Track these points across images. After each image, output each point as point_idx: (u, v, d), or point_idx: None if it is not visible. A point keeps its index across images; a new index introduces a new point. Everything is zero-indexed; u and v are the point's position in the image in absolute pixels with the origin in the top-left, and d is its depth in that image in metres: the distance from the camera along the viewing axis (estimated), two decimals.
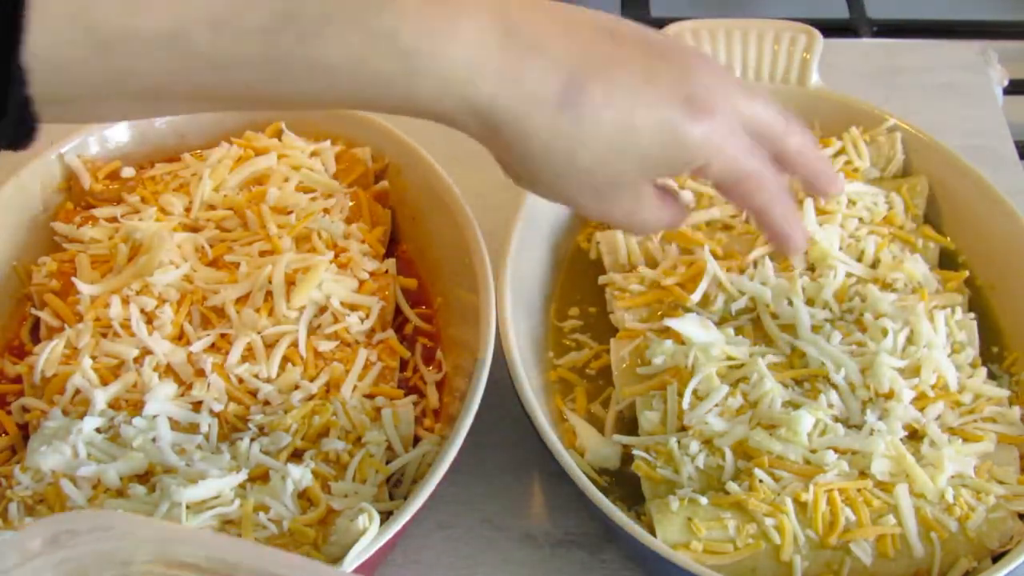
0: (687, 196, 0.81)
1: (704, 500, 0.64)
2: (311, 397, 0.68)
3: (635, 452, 0.68)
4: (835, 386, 0.70)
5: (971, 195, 0.82)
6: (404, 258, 0.81)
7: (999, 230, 0.79)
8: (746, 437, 0.67)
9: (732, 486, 0.64)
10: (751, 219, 0.68)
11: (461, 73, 0.50)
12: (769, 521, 0.63)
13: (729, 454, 0.66)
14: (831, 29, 0.98)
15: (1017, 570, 0.62)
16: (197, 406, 0.68)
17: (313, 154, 0.82)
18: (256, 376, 0.69)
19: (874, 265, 0.77)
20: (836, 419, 0.69)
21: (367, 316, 0.73)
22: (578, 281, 0.81)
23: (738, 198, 0.61)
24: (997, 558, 0.63)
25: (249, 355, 0.70)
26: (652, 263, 0.78)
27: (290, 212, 0.77)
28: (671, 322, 0.71)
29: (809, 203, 0.78)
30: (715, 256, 0.75)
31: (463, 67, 0.50)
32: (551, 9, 0.54)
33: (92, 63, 0.45)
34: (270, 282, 0.72)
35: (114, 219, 0.78)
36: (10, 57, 0.43)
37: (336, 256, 0.75)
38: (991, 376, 0.74)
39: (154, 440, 0.65)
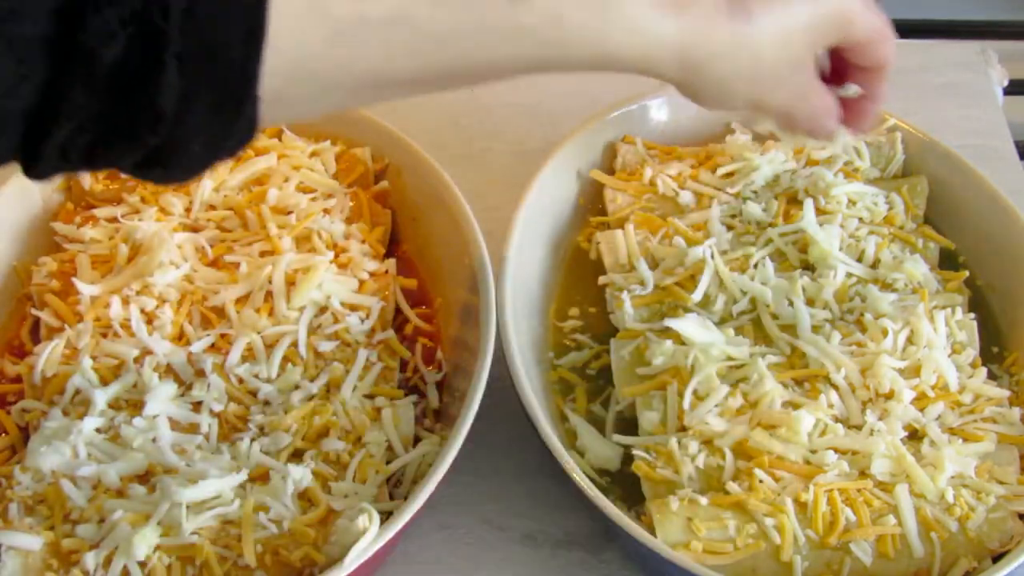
0: (687, 197, 0.81)
1: (704, 500, 0.64)
2: (311, 397, 0.68)
3: (635, 452, 0.68)
4: (835, 386, 0.70)
5: (971, 195, 0.82)
6: (404, 258, 0.81)
7: (999, 230, 0.79)
8: (746, 437, 0.67)
9: (732, 486, 0.64)
10: (864, 81, 0.70)
11: (647, 11, 0.55)
12: (769, 521, 0.63)
13: (729, 454, 0.66)
14: None
15: (1017, 570, 0.62)
16: (197, 406, 0.68)
17: (313, 154, 0.82)
18: (256, 376, 0.69)
19: (874, 265, 0.77)
20: (836, 419, 0.69)
21: (367, 316, 0.73)
22: (578, 281, 0.81)
23: (870, 57, 0.66)
24: (997, 558, 0.63)
25: (249, 355, 0.70)
26: (652, 263, 0.78)
27: (290, 212, 0.77)
28: (671, 322, 0.71)
29: (809, 204, 0.78)
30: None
31: (647, 7, 0.55)
32: None
33: (325, 53, 0.47)
34: (270, 282, 0.72)
35: (114, 219, 0.78)
36: (254, 64, 0.44)
37: (336, 256, 0.75)
38: (991, 376, 0.74)
39: (154, 440, 0.65)
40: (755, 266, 0.76)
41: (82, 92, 0.42)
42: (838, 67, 0.68)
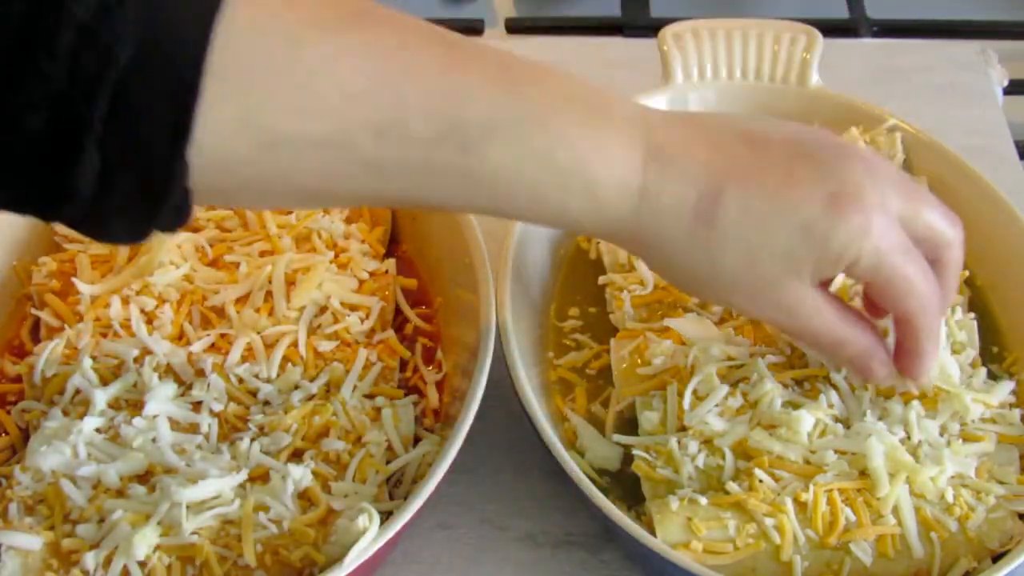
0: None
1: (704, 500, 0.64)
2: (311, 397, 0.68)
3: (635, 452, 0.68)
4: (835, 386, 0.70)
5: (971, 195, 0.82)
6: (404, 258, 0.81)
7: (999, 230, 0.79)
8: (746, 437, 0.67)
9: (732, 486, 0.64)
10: (896, 332, 0.60)
11: (611, 192, 0.52)
12: (769, 521, 0.63)
13: (729, 454, 0.66)
14: (831, 29, 0.98)
15: (1017, 570, 0.62)
16: (197, 406, 0.68)
17: None
18: (256, 376, 0.69)
19: None
20: (836, 419, 0.69)
21: (367, 316, 0.73)
22: (578, 281, 0.81)
23: (889, 302, 0.57)
24: (997, 558, 0.63)
25: (249, 355, 0.70)
26: None
27: (290, 212, 0.77)
28: (671, 322, 0.71)
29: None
30: None
31: (613, 186, 0.52)
32: (690, 121, 0.56)
33: (256, 163, 0.46)
34: (270, 282, 0.72)
35: None
36: (179, 161, 0.43)
37: (336, 256, 0.75)
38: (991, 376, 0.74)
39: (154, 440, 0.65)
40: None
41: (3, 156, 0.41)
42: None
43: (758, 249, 0.54)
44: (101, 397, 0.67)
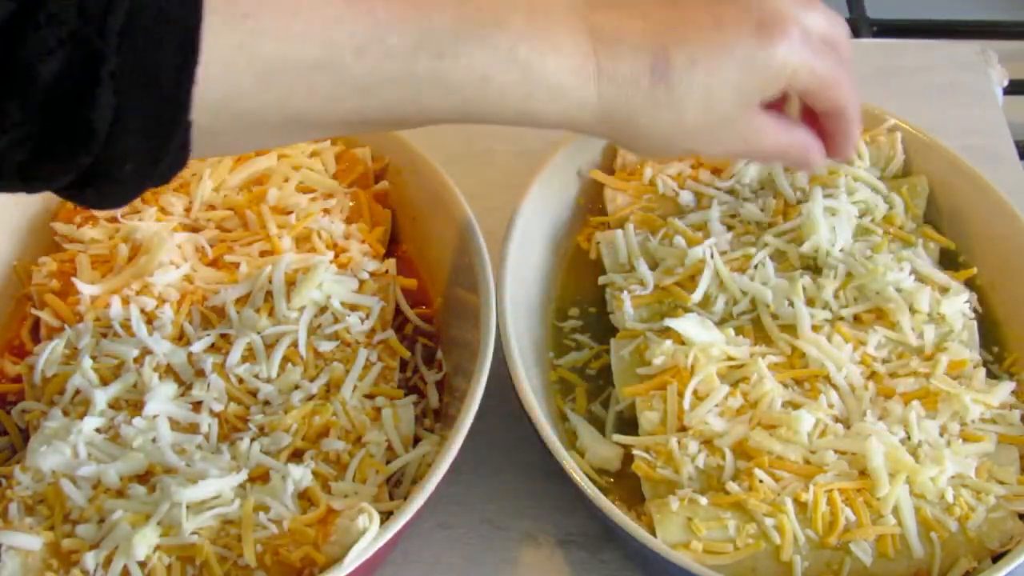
0: (687, 196, 0.81)
1: (704, 500, 0.64)
2: (311, 397, 0.68)
3: (635, 452, 0.68)
4: (835, 386, 0.70)
5: (971, 195, 0.82)
6: (404, 258, 0.81)
7: (999, 230, 0.79)
8: (746, 437, 0.67)
9: (732, 486, 0.64)
10: (826, 121, 0.67)
11: (569, 79, 0.56)
12: (769, 521, 0.63)
13: (729, 454, 0.66)
14: None
15: (1017, 570, 0.62)
16: (197, 406, 0.68)
17: (313, 154, 0.82)
18: (256, 376, 0.69)
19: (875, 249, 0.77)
20: (836, 419, 0.69)
21: (367, 316, 0.73)
22: (578, 281, 0.81)
23: (821, 100, 0.63)
24: (997, 558, 0.63)
25: (249, 355, 0.70)
26: (652, 263, 0.78)
27: (290, 212, 0.77)
28: (671, 322, 0.71)
29: (818, 191, 0.78)
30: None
31: (570, 73, 0.56)
32: (612, 1, 0.60)
33: (253, 91, 0.49)
34: (270, 282, 0.72)
35: (114, 219, 0.78)
36: (185, 90, 0.45)
37: (336, 256, 0.75)
38: (991, 376, 0.74)
39: (154, 440, 0.65)
40: (755, 266, 0.76)
41: (18, 108, 0.43)
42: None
43: (714, 91, 0.58)
44: (101, 397, 0.67)
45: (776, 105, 0.64)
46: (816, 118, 0.66)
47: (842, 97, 0.64)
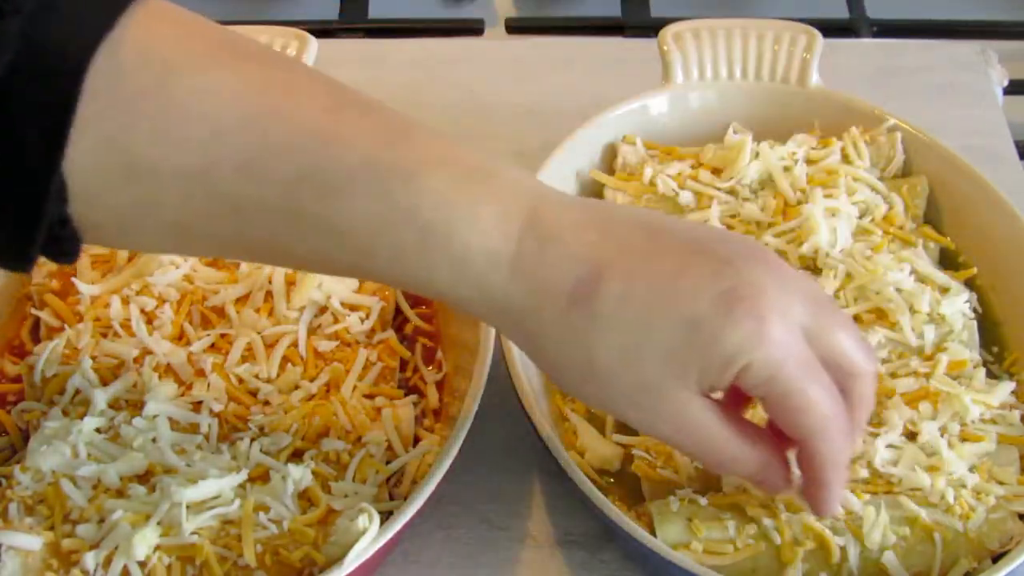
0: (687, 197, 0.81)
1: (704, 500, 0.64)
2: (311, 397, 0.68)
3: (635, 452, 0.68)
4: None
5: (971, 195, 0.82)
6: None
7: (999, 230, 0.79)
8: None
9: (727, 486, 0.64)
10: (798, 459, 0.55)
11: (478, 259, 0.48)
12: (768, 522, 0.63)
13: None
14: (831, 29, 0.98)
15: (1017, 570, 0.62)
16: (197, 406, 0.68)
17: None
18: (256, 376, 0.69)
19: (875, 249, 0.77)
20: None
21: (367, 316, 0.73)
22: None
23: (785, 422, 0.51)
24: (997, 558, 0.63)
25: (249, 355, 0.70)
26: None
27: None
28: None
29: (818, 192, 0.78)
30: None
31: (479, 254, 0.48)
32: (589, 205, 0.52)
33: (121, 190, 0.46)
34: (270, 282, 0.72)
35: None
36: (51, 168, 0.43)
37: None
38: (991, 376, 0.74)
39: (154, 440, 0.65)
40: None
41: None
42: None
43: (638, 345, 0.48)
44: (101, 397, 0.67)
45: (740, 404, 0.54)
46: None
47: (811, 426, 0.50)
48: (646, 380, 0.49)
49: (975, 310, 0.77)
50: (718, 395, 0.52)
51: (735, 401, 0.55)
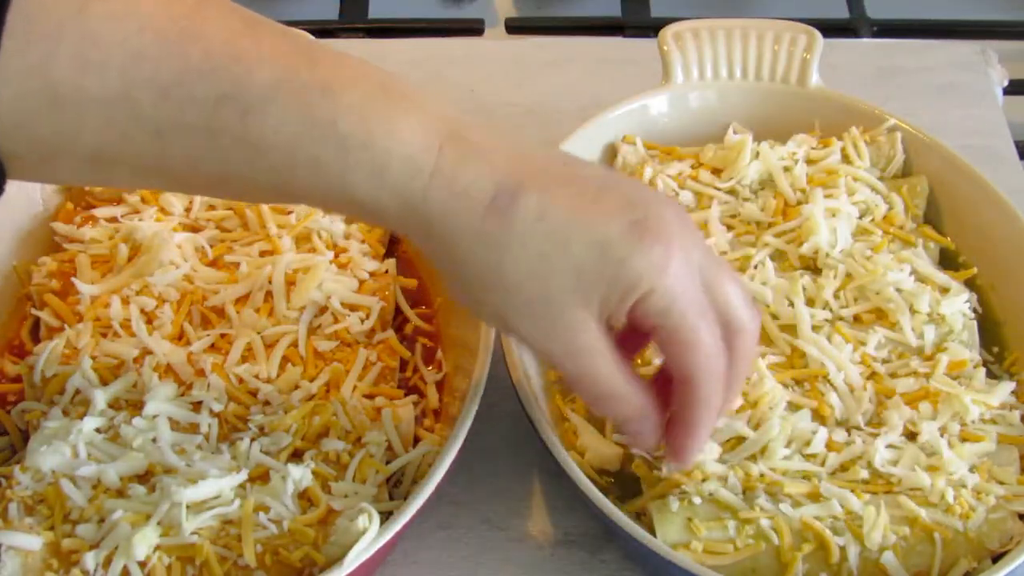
0: (687, 197, 0.81)
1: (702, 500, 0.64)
2: (311, 397, 0.68)
3: (635, 452, 0.68)
4: (835, 386, 0.70)
5: (971, 195, 0.82)
6: (404, 258, 0.81)
7: (999, 230, 0.79)
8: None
9: (725, 493, 0.64)
10: (676, 394, 0.56)
11: (396, 166, 0.50)
12: (765, 522, 0.63)
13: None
14: (831, 29, 0.98)
15: (1017, 570, 0.62)
16: (197, 406, 0.68)
17: None
18: (256, 376, 0.69)
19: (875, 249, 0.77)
20: (836, 421, 0.69)
21: (367, 316, 0.73)
22: None
23: (672, 354, 0.53)
24: (997, 558, 0.63)
25: (249, 355, 0.70)
26: None
27: (290, 212, 0.77)
28: None
29: (818, 192, 0.78)
30: None
31: (398, 160, 0.50)
32: (506, 131, 0.53)
33: (45, 119, 0.47)
34: (270, 282, 0.72)
35: (114, 219, 0.78)
36: None
37: (336, 256, 0.75)
38: (991, 376, 0.74)
39: (154, 440, 0.65)
40: (755, 267, 0.76)
41: None
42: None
43: (548, 259, 0.50)
44: (101, 397, 0.66)
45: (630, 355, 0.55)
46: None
47: (696, 363, 0.52)
48: (549, 294, 0.51)
49: (975, 310, 0.77)
50: (610, 336, 0.54)
51: (626, 350, 0.56)
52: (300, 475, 0.63)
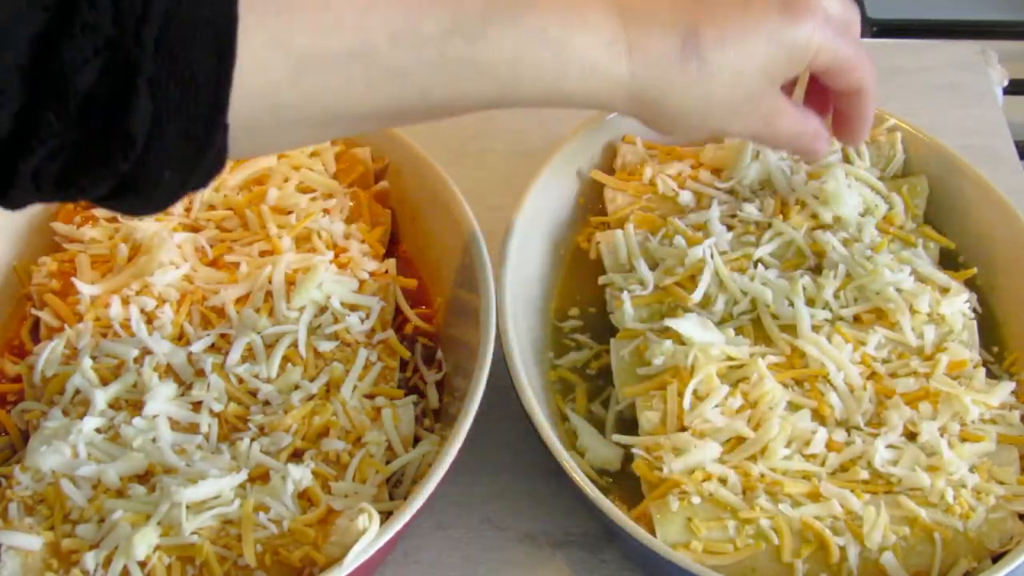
0: (687, 196, 0.81)
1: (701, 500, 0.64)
2: (311, 397, 0.68)
3: (635, 452, 0.68)
4: (835, 386, 0.70)
5: (971, 195, 0.82)
6: (404, 258, 0.81)
7: (999, 230, 0.79)
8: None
9: (725, 493, 0.64)
10: (844, 102, 0.70)
11: (601, 56, 0.57)
12: (765, 522, 0.63)
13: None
14: None
15: (1017, 570, 0.62)
16: (197, 406, 0.68)
17: (313, 154, 0.82)
18: (256, 376, 0.69)
19: (876, 249, 0.77)
20: (836, 421, 0.69)
21: (367, 316, 0.73)
22: (578, 281, 0.81)
23: (842, 81, 0.67)
24: (997, 558, 0.63)
25: (249, 355, 0.70)
26: (652, 263, 0.78)
27: (290, 212, 0.77)
28: (671, 322, 0.71)
29: (839, 168, 0.79)
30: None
31: (601, 50, 0.57)
32: None
33: (289, 86, 0.49)
34: (270, 282, 0.72)
35: (114, 219, 0.78)
36: (223, 94, 0.46)
37: (336, 256, 0.75)
38: (991, 376, 0.74)
39: (154, 440, 0.65)
40: (755, 266, 0.76)
41: (55, 118, 0.42)
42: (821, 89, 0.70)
43: (743, 68, 0.60)
44: (101, 397, 0.66)
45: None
46: (822, 108, 0.70)
47: (864, 77, 0.67)
48: (750, 91, 0.62)
49: (975, 310, 0.77)
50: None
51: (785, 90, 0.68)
52: (300, 475, 0.63)
